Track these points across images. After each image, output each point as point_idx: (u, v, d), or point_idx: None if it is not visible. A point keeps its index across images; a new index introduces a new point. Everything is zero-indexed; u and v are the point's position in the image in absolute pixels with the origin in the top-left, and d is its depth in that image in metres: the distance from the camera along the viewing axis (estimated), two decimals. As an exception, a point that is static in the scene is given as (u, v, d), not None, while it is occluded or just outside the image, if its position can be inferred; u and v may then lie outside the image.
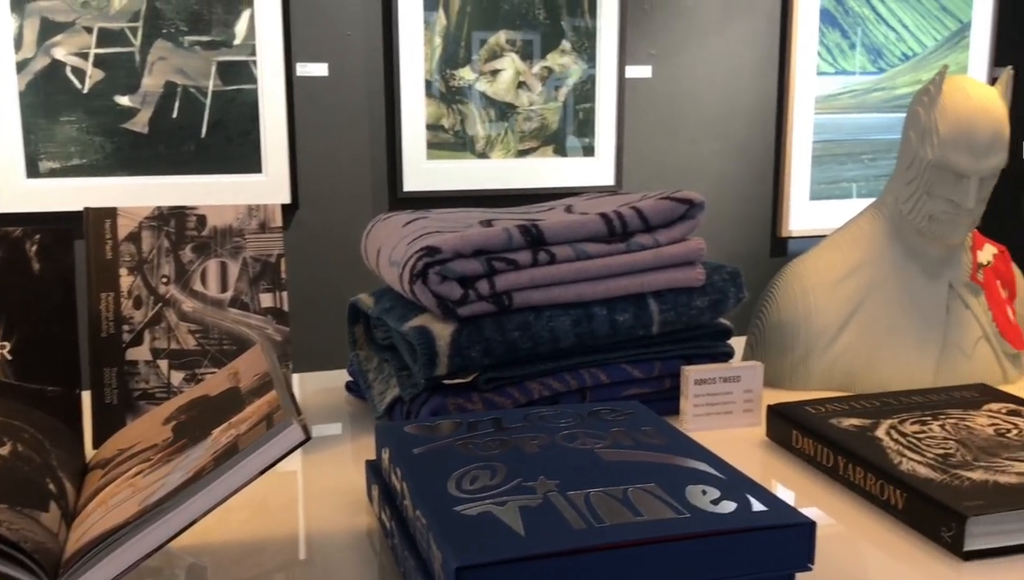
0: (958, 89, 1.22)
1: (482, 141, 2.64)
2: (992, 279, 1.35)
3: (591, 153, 2.74)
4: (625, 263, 1.09)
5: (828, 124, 3.00)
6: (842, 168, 3.04)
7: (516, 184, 2.67)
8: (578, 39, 2.67)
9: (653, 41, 2.79)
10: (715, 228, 2.95)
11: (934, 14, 3.06)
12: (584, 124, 2.72)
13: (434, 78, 2.58)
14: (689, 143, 2.88)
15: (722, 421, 1.14)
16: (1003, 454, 0.92)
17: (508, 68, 2.63)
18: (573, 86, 2.70)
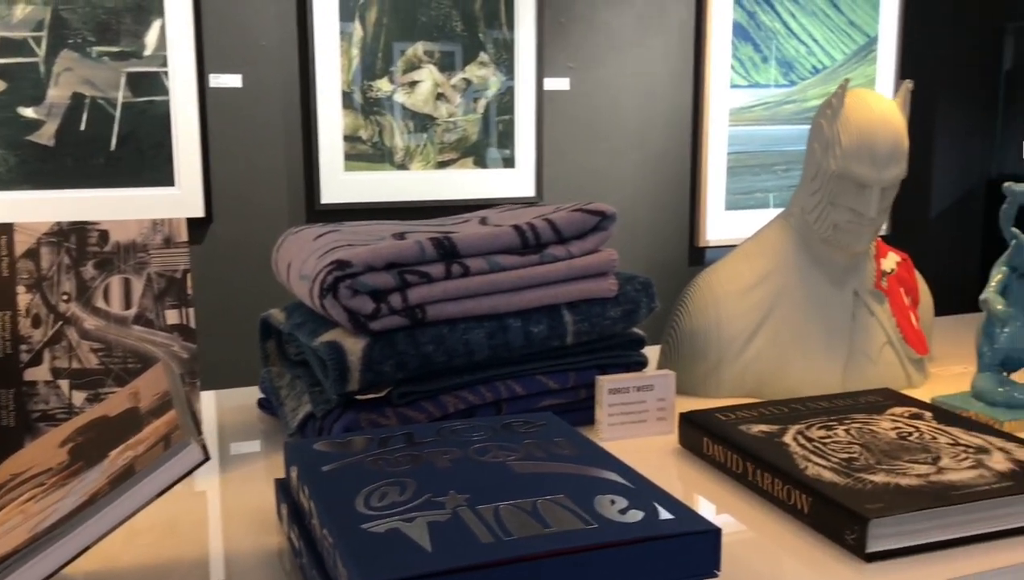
0: (859, 102, 1.25)
1: (401, 153, 2.63)
2: (896, 286, 1.39)
3: (511, 165, 2.75)
4: (539, 275, 1.09)
5: (742, 136, 3.06)
6: (756, 179, 3.11)
7: (436, 196, 2.67)
8: (496, 51, 2.68)
9: (570, 54, 2.81)
10: (634, 238, 2.99)
11: (843, 29, 3.16)
12: (504, 136, 2.73)
13: (351, 89, 2.56)
14: (608, 154, 2.92)
15: (636, 430, 1.15)
16: (904, 457, 0.95)
17: (426, 80, 2.62)
18: (492, 98, 2.70)
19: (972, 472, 0.91)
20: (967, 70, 3.45)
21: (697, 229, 3.07)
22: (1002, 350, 1.23)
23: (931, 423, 1.05)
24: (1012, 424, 1.15)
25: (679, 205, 3.06)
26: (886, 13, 3.19)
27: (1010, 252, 1.23)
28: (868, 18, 3.18)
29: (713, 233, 3.07)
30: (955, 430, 1.03)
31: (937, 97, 3.41)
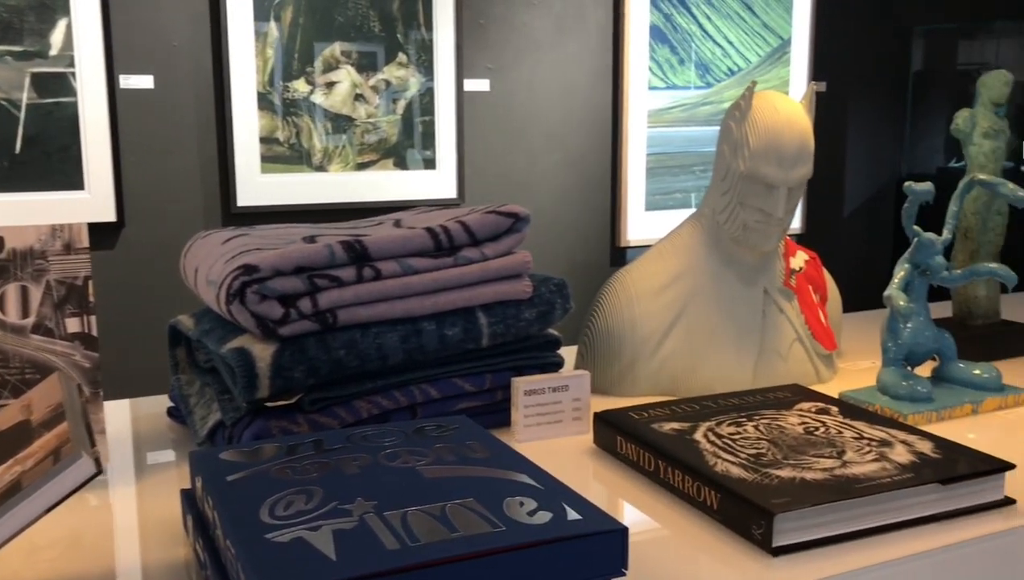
0: (766, 104, 1.28)
1: (319, 154, 2.60)
2: (804, 284, 1.42)
3: (432, 166, 2.74)
4: (452, 277, 1.09)
5: (661, 137, 3.10)
6: (675, 179, 3.15)
7: (356, 198, 2.64)
8: (415, 52, 2.67)
9: (490, 55, 2.81)
10: (556, 238, 3.00)
11: (757, 31, 3.22)
12: (424, 137, 2.71)
13: (268, 90, 2.52)
14: (529, 155, 2.93)
15: (553, 430, 1.15)
16: (810, 451, 0.97)
17: (344, 80, 2.59)
18: (412, 99, 2.69)
19: (875, 465, 0.93)
20: (878, 72, 3.55)
21: (618, 229, 3.10)
22: (905, 345, 1.26)
23: (837, 418, 1.08)
24: (915, 417, 1.19)
25: (600, 205, 3.09)
26: (798, 16, 3.27)
27: (912, 249, 1.27)
28: (781, 21, 3.25)
29: (634, 233, 3.10)
30: (860, 424, 1.05)
31: (849, 98, 3.50)
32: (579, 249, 3.06)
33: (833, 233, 3.51)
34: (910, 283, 1.26)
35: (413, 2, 2.64)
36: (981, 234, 1.47)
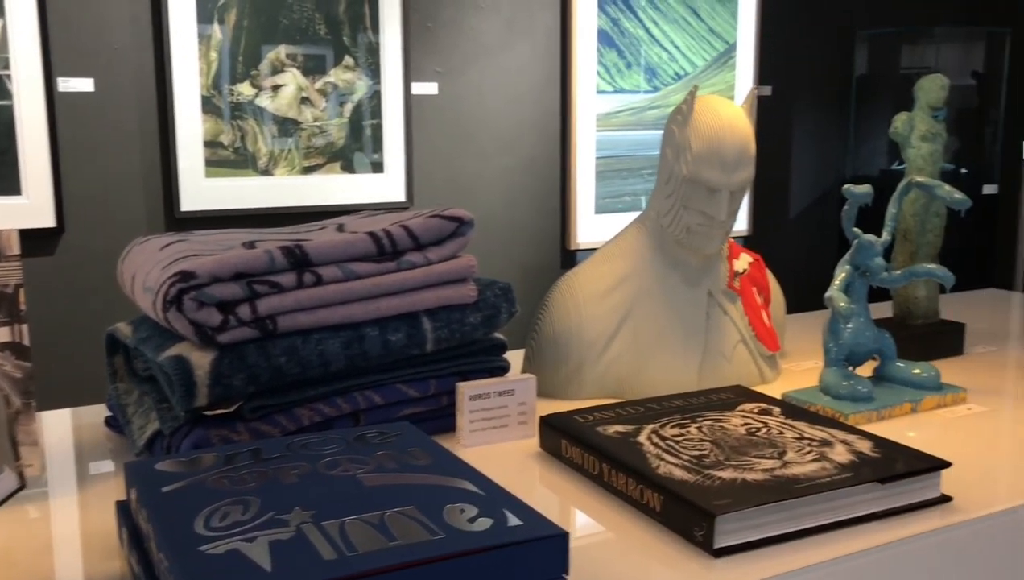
0: (708, 108, 1.29)
1: (265, 158, 2.57)
2: (748, 286, 1.43)
3: (380, 169, 2.72)
4: (395, 282, 1.08)
5: (610, 140, 3.11)
6: (624, 183, 3.17)
7: (303, 202, 2.61)
8: (362, 55, 2.65)
9: (438, 59, 2.80)
10: (506, 241, 3.00)
11: (703, 36, 3.25)
12: (372, 140, 2.70)
13: (212, 93, 2.48)
14: (478, 158, 2.92)
15: (498, 435, 1.15)
16: (752, 452, 0.98)
17: (290, 83, 2.57)
18: (359, 102, 2.67)
19: (815, 465, 0.94)
20: (822, 75, 3.60)
21: (568, 232, 3.10)
22: (846, 345, 1.28)
23: (779, 418, 1.09)
24: (856, 416, 1.20)
25: (550, 209, 3.09)
26: (744, 21, 3.30)
27: (852, 251, 1.29)
28: (727, 26, 3.28)
29: (584, 236, 3.11)
30: (801, 424, 1.06)
31: (794, 101, 3.54)
32: (530, 252, 3.06)
33: (779, 235, 3.56)
34: (850, 284, 1.28)
35: (359, 5, 2.62)
36: (920, 236, 1.49)
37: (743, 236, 3.42)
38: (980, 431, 1.20)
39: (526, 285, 2.74)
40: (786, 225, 3.60)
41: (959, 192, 1.28)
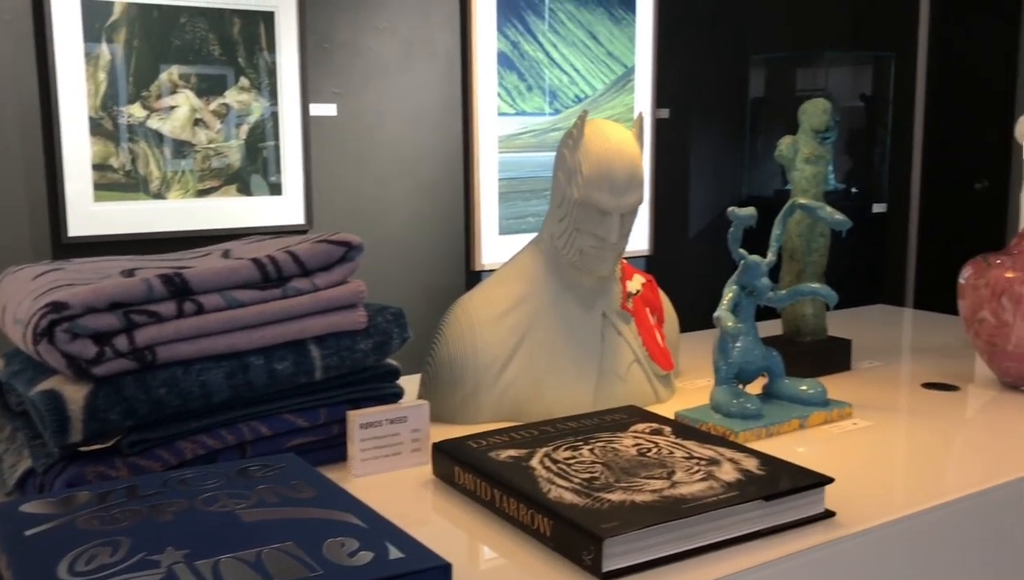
0: (598, 132, 1.30)
1: (157, 181, 2.50)
2: (641, 306, 1.45)
3: (278, 192, 2.67)
4: (281, 309, 1.06)
5: (512, 162, 3.13)
6: (527, 204, 3.19)
7: (198, 225, 2.55)
8: (258, 76, 2.60)
9: (337, 80, 2.78)
10: (410, 264, 2.98)
11: (602, 59, 3.30)
12: (269, 162, 2.65)
13: (100, 115, 2.41)
14: (379, 180, 2.90)
15: (391, 463, 1.13)
16: (642, 473, 0.98)
17: (183, 105, 2.51)
18: (255, 123, 2.62)
19: (702, 484, 0.95)
20: (718, 98, 3.70)
21: (472, 254, 3.10)
22: (736, 364, 1.30)
23: (670, 438, 1.10)
24: (746, 434, 1.22)
25: (454, 230, 3.09)
26: (641, 45, 3.37)
27: (739, 272, 1.31)
28: (625, 49, 3.34)
29: (488, 257, 3.12)
30: (691, 443, 1.08)
31: (691, 124, 3.63)
32: (434, 274, 3.05)
33: (679, 254, 3.63)
34: (738, 304, 1.31)
35: (254, 25, 2.58)
36: (806, 255, 1.54)
37: (644, 255, 3.48)
38: (864, 445, 1.23)
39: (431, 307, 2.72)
40: (686, 244, 3.67)
41: (840, 214, 1.32)
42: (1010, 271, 1.41)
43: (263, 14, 2.59)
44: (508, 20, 3.05)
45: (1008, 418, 1.37)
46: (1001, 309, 1.41)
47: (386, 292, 2.91)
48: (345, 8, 2.76)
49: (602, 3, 3.27)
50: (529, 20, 3.10)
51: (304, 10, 2.65)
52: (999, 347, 1.43)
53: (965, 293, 1.47)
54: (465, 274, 3.13)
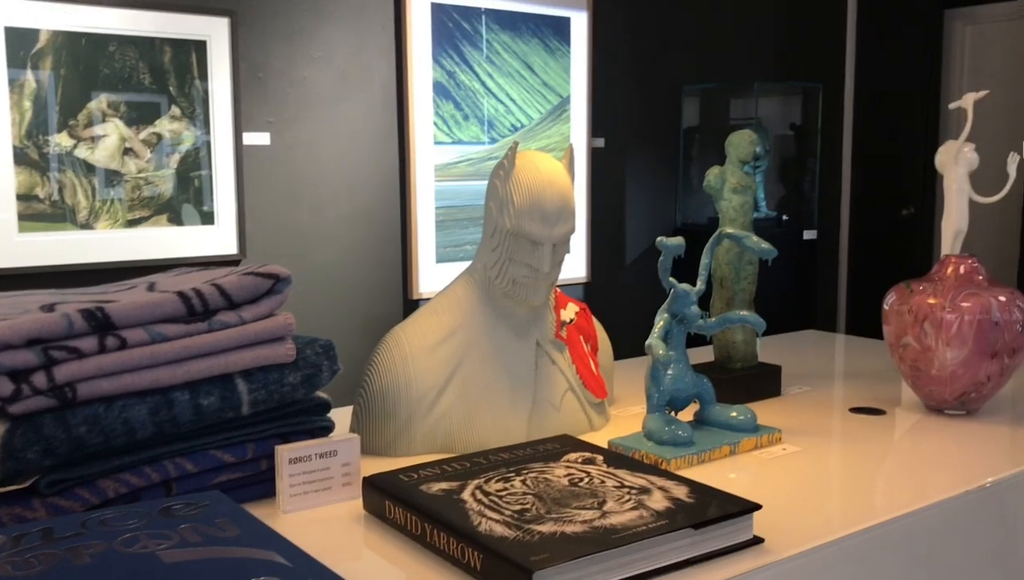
0: (528, 163, 1.31)
1: (85, 211, 2.45)
2: (575, 335, 1.46)
3: (210, 221, 2.64)
4: (207, 343, 1.04)
5: (449, 191, 3.14)
6: (465, 232, 3.19)
7: (128, 256, 2.50)
8: (189, 105, 2.57)
9: (270, 108, 2.76)
10: (347, 293, 2.96)
11: (537, 89, 3.33)
12: (201, 192, 2.62)
13: (25, 144, 2.35)
14: (315, 209, 2.88)
15: (321, 498, 1.11)
16: (573, 503, 0.98)
17: (111, 134, 2.46)
18: (187, 152, 2.59)
19: (633, 514, 0.95)
20: (652, 127, 3.75)
21: (410, 282, 3.09)
22: (667, 391, 1.31)
23: (602, 467, 1.10)
24: (678, 461, 1.23)
25: (391, 259, 3.07)
26: (576, 75, 3.41)
27: (670, 300, 1.33)
28: (560, 80, 3.38)
29: (426, 285, 3.11)
30: (622, 472, 1.08)
31: (626, 153, 3.67)
32: (371, 303, 3.03)
33: (616, 281, 3.66)
34: (669, 332, 1.32)
35: (186, 54, 2.55)
36: (735, 283, 1.56)
37: (582, 282, 3.50)
38: (793, 470, 1.25)
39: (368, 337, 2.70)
40: (623, 271, 3.70)
41: (766, 242, 1.35)
42: (932, 297, 1.45)
43: (195, 43, 2.56)
44: (444, 50, 3.06)
45: (933, 441, 1.40)
46: (924, 334, 1.44)
47: (322, 322, 2.88)
48: (279, 37, 2.75)
49: (537, 34, 3.30)
50: (465, 50, 3.12)
51: (237, 39, 2.63)
52: (923, 371, 1.47)
53: (889, 319, 1.51)
54: (402, 302, 3.12)
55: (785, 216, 4.01)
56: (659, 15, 3.70)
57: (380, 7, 2.95)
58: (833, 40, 4.34)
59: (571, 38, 3.39)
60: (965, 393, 1.46)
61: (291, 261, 2.81)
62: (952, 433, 1.42)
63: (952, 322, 1.41)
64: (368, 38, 2.93)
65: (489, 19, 3.18)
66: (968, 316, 1.41)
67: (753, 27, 4.02)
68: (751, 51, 4.03)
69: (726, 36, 3.93)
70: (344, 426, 1.35)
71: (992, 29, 4.15)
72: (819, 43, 4.29)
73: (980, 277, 1.47)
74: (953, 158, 1.53)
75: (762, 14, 4.05)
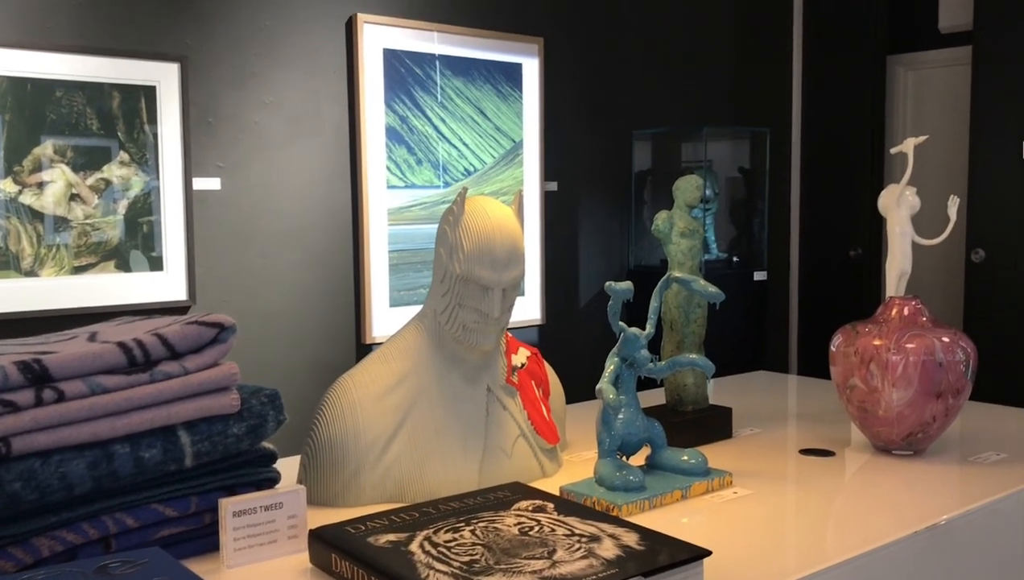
0: (478, 209, 1.31)
1: (30, 258, 2.40)
2: (527, 380, 1.45)
3: (159, 267, 2.60)
4: (148, 395, 1.02)
5: (402, 234, 3.13)
6: (419, 275, 3.18)
7: (74, 303, 2.45)
8: (138, 150, 2.55)
9: (220, 153, 2.74)
10: (299, 338, 2.93)
11: (490, 134, 3.35)
12: (149, 237, 2.58)
13: (-32, 190, 2.31)
14: (266, 255, 2.85)
15: (266, 551, 1.09)
16: (523, 553, 0.97)
17: (58, 180, 2.43)
18: (135, 198, 2.56)
19: (583, 563, 0.94)
20: (604, 171, 3.79)
21: (363, 327, 3.07)
22: (619, 436, 1.31)
23: (552, 515, 1.09)
24: (629, 507, 1.23)
25: (343, 303, 3.05)
26: (528, 120, 3.44)
27: (619, 344, 1.33)
28: (513, 125, 3.40)
29: (379, 330, 3.09)
30: (573, 520, 1.07)
31: (579, 196, 3.70)
32: (323, 348, 3.00)
33: (570, 324, 3.66)
34: (619, 376, 1.32)
35: (134, 99, 2.53)
36: (685, 326, 1.57)
37: (536, 325, 3.50)
38: (744, 514, 1.25)
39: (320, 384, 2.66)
40: (577, 314, 3.71)
41: (713, 286, 1.36)
42: (877, 339, 1.47)
43: (144, 88, 2.54)
44: (396, 95, 3.08)
45: (881, 481, 1.41)
46: (870, 376, 1.46)
47: (274, 368, 2.84)
48: (230, 83, 2.74)
49: (489, 80, 3.33)
50: (417, 96, 3.13)
51: (187, 84, 2.62)
52: (870, 412, 1.48)
53: (836, 360, 1.52)
54: (356, 348, 3.09)
55: (736, 257, 4.06)
56: (609, 61, 3.75)
57: (332, 52, 2.96)
58: (779, 85, 4.43)
59: (523, 84, 3.42)
60: (912, 433, 1.47)
61: (242, 307, 2.78)
62: (901, 473, 1.44)
63: (897, 363, 1.43)
64: (320, 83, 2.93)
65: (442, 65, 3.20)
66: (913, 357, 1.43)
67: (702, 73, 4.10)
68: (701, 96, 4.10)
69: (676, 82, 3.99)
70: (293, 476, 1.33)
71: (933, 74, 4.27)
72: (766, 88, 4.38)
73: (924, 318, 1.49)
74: (895, 201, 1.56)
75: (711, 61, 4.13)
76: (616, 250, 3.85)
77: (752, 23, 4.30)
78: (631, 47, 3.83)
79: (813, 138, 4.43)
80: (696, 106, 4.07)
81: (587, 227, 3.74)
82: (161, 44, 2.61)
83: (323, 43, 2.94)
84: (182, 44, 2.65)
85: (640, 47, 3.85)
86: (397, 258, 3.12)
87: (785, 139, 4.44)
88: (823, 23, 4.39)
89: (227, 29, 2.74)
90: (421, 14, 3.15)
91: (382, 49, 3.03)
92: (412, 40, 3.11)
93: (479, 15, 3.32)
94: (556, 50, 3.54)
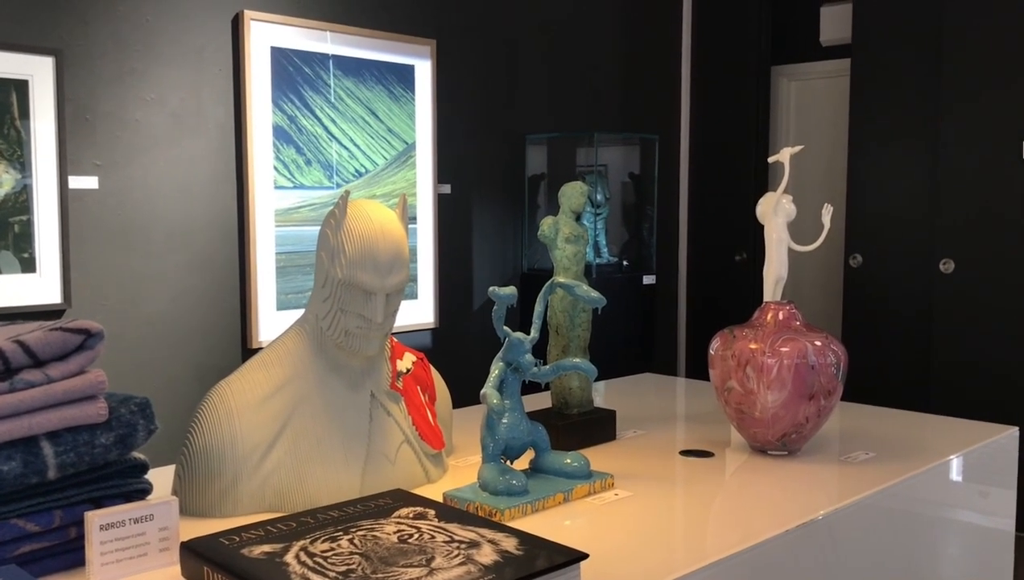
0: (360, 213, 1.29)
1: None
2: (412, 385, 1.44)
3: (31, 269, 2.49)
4: (8, 404, 0.97)
5: (290, 236, 3.07)
6: (307, 278, 3.13)
7: (-64, 307, 2.33)
8: (9, 147, 2.43)
9: (98, 151, 2.64)
10: (181, 343, 2.84)
11: (382, 135, 3.32)
12: (21, 238, 2.47)
13: None
14: (147, 256, 2.76)
15: (136, 565, 1.05)
16: (401, 562, 0.96)
17: (-81, 176, 2.30)
18: (5, 197, 2.44)
19: (460, 569, 0.94)
20: (498, 174, 3.80)
21: (248, 330, 3.00)
22: (502, 440, 1.31)
23: (433, 522, 1.09)
24: (512, 511, 1.23)
25: (229, 307, 2.97)
26: (421, 122, 3.42)
27: (504, 349, 1.33)
28: (405, 126, 3.38)
29: (266, 333, 3.02)
30: (453, 526, 1.07)
31: (472, 199, 3.70)
32: (207, 352, 2.92)
33: (464, 327, 3.66)
34: (504, 380, 1.32)
35: (5, 94, 2.42)
36: (570, 330, 1.58)
37: (430, 328, 3.49)
38: (625, 515, 1.27)
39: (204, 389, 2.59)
40: (471, 317, 3.71)
41: (595, 292, 1.38)
42: (753, 342, 1.51)
43: (15, 82, 2.43)
44: (284, 95, 3.02)
45: (759, 481, 1.46)
46: (747, 378, 1.50)
47: (156, 374, 2.75)
48: (109, 78, 2.64)
49: (381, 81, 3.30)
50: (306, 95, 3.08)
51: (62, 79, 2.51)
52: (747, 414, 1.53)
53: (715, 363, 1.56)
54: (241, 352, 3.02)
55: (626, 261, 4.13)
56: (502, 66, 3.77)
57: (217, 49, 2.88)
58: (668, 94, 4.53)
59: (415, 86, 3.40)
60: (786, 434, 1.52)
61: (121, 310, 2.68)
62: (776, 473, 1.48)
63: (772, 366, 1.48)
64: (204, 80, 2.86)
65: (334, 65, 3.16)
66: (787, 360, 1.48)
67: (594, 80, 4.15)
68: (592, 102, 4.15)
69: (568, 88, 4.03)
70: (166, 488, 1.28)
71: (814, 85, 4.44)
72: (656, 96, 4.47)
73: (798, 322, 1.54)
74: (772, 209, 1.61)
75: (602, 68, 4.19)
76: (510, 253, 3.87)
77: (642, 33, 4.39)
78: (524, 52, 3.85)
79: (701, 145, 4.55)
80: (589, 112, 4.13)
81: (481, 230, 3.75)
82: (35, 37, 2.49)
83: (208, 40, 2.86)
84: (57, 37, 2.54)
85: (533, 52, 3.88)
86: (285, 260, 3.07)
87: (674, 146, 4.54)
88: (711, 34, 4.51)
89: (107, 23, 2.64)
90: (311, 13, 3.10)
91: (270, 47, 2.97)
92: (301, 39, 3.06)
93: (370, 15, 3.29)
94: (449, 53, 3.54)
